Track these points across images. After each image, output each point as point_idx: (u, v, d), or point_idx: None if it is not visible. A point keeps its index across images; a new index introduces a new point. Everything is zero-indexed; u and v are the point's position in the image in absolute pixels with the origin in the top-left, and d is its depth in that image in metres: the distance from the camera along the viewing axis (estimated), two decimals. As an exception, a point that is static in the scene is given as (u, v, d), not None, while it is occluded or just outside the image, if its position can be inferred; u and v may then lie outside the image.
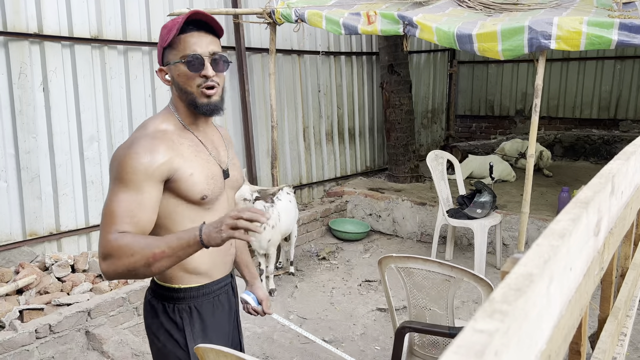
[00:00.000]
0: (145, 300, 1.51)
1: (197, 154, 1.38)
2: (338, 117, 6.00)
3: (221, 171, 1.45)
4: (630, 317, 1.33)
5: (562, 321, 0.59)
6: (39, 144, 3.54)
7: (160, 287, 1.44)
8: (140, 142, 1.30)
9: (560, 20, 3.00)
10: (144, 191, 1.27)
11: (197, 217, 1.38)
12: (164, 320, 1.43)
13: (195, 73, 1.34)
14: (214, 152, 1.44)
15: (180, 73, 1.35)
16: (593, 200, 0.68)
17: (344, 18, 3.80)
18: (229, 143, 1.58)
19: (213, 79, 1.36)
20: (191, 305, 1.43)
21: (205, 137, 1.45)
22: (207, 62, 1.34)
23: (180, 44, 1.35)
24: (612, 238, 0.89)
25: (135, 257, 1.18)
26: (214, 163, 1.42)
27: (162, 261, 1.19)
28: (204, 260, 1.43)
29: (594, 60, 7.12)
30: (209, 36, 1.37)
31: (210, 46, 1.36)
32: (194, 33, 1.35)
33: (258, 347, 3.13)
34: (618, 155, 0.97)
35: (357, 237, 5.06)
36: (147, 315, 1.48)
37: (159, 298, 1.44)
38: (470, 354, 0.35)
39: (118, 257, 1.19)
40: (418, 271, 2.06)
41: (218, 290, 1.49)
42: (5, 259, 3.41)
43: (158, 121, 1.39)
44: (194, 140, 1.40)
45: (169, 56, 1.37)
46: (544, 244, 0.54)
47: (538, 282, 0.47)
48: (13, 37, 3.36)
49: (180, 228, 1.36)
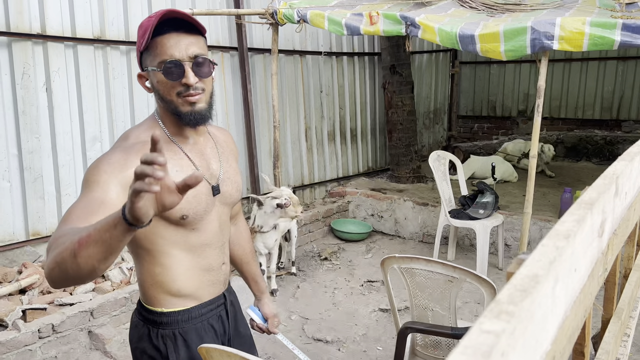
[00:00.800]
0: (131, 322, 1.40)
1: (180, 169, 1.22)
2: (340, 117, 6.00)
3: (209, 188, 1.29)
4: (633, 318, 1.33)
5: (567, 322, 0.60)
6: (42, 144, 3.55)
7: (144, 309, 1.32)
8: (116, 151, 1.18)
9: (562, 20, 2.99)
10: (109, 190, 1.11)
11: (179, 238, 1.26)
12: (147, 346, 1.31)
13: (174, 82, 1.18)
14: (202, 166, 1.29)
15: (159, 81, 1.20)
16: (597, 202, 0.68)
17: (346, 19, 3.80)
18: (226, 151, 1.42)
19: (196, 85, 1.19)
20: (175, 331, 1.30)
21: (194, 149, 1.30)
22: (187, 68, 1.18)
23: (157, 48, 1.18)
24: (616, 239, 0.89)
25: (63, 247, 0.97)
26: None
27: (88, 248, 0.93)
28: (189, 280, 1.30)
29: (596, 61, 7.11)
30: (188, 37, 1.20)
31: (190, 48, 1.19)
32: (172, 34, 1.18)
33: (260, 347, 3.13)
34: (622, 156, 0.97)
35: (359, 238, 5.06)
36: (132, 338, 1.37)
37: (144, 321, 1.33)
38: (477, 355, 0.35)
39: (52, 250, 0.99)
40: (420, 272, 2.06)
41: (207, 314, 1.36)
42: (9, 259, 3.42)
43: (140, 131, 1.26)
44: (178, 154, 1.25)
45: (146, 61, 1.22)
46: (549, 244, 0.54)
47: (544, 283, 0.47)
48: (16, 38, 3.37)
49: (161, 251, 1.25)
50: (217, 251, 1.36)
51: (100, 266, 0.97)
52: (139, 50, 1.23)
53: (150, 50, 1.20)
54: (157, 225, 1.22)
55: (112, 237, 0.92)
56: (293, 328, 3.40)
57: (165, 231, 1.24)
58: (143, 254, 1.27)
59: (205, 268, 1.34)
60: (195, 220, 1.26)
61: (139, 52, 1.23)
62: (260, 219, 3.59)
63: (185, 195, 1.11)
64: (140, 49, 1.21)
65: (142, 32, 1.19)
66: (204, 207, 1.27)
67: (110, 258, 0.97)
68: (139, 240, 1.24)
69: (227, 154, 1.42)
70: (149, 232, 1.22)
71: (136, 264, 1.32)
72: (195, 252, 1.30)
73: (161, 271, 1.28)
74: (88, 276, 0.98)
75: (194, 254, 1.30)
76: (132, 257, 1.32)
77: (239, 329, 1.51)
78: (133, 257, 1.32)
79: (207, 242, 1.32)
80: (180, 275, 1.29)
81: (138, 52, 1.24)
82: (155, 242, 1.24)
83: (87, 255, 0.93)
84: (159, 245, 1.25)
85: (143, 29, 1.19)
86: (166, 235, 1.24)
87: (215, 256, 1.36)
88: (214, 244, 1.35)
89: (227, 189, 1.36)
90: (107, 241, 0.93)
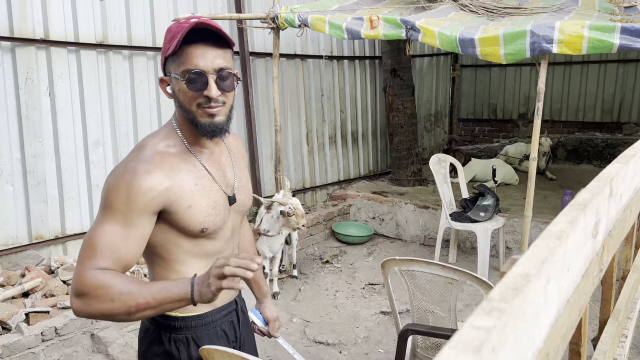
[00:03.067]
0: (141, 326, 1.40)
1: (199, 181, 1.24)
2: (341, 120, 6.02)
3: (226, 198, 1.31)
4: (631, 319, 1.34)
5: (560, 320, 0.61)
6: (45, 148, 3.57)
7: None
8: (136, 168, 1.15)
9: (562, 24, 3.01)
10: (133, 225, 1.14)
11: (195, 247, 1.28)
12: (158, 350, 1.31)
13: (196, 93, 1.18)
14: (219, 176, 1.30)
15: (181, 89, 1.19)
16: (591, 203, 0.70)
17: (347, 23, 3.82)
18: (237, 157, 1.43)
19: (218, 98, 1.19)
20: (189, 335, 1.31)
21: (211, 160, 1.30)
22: (211, 81, 1.17)
23: (183, 56, 1.18)
24: (612, 240, 0.91)
25: (115, 304, 1.05)
26: (218, 190, 1.29)
27: (145, 312, 1.06)
28: None
29: (596, 64, 7.13)
30: (215, 49, 1.19)
31: (216, 60, 1.18)
32: (199, 45, 1.17)
33: (261, 349, 3.14)
34: (617, 158, 0.98)
35: (360, 241, 5.07)
36: (142, 342, 1.37)
37: (156, 325, 1.33)
38: (467, 350, 0.37)
39: (95, 298, 1.05)
40: (421, 274, 2.07)
41: (220, 320, 1.37)
42: (12, 262, 3.44)
43: (157, 140, 1.24)
44: (197, 166, 1.26)
45: (170, 66, 1.21)
46: (541, 245, 0.55)
47: (535, 282, 0.49)
48: (20, 43, 3.40)
49: (176, 259, 1.27)
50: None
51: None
52: (164, 55, 1.22)
53: (176, 57, 1.19)
54: (176, 237, 1.24)
55: (172, 307, 1.08)
56: (294, 331, 3.41)
57: (183, 242, 1.25)
58: (158, 261, 1.28)
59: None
60: (214, 232, 1.28)
61: (164, 56, 1.22)
62: (267, 223, 3.59)
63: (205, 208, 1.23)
64: (167, 54, 1.20)
65: (170, 37, 1.19)
66: (222, 218, 1.29)
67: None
68: (154, 249, 1.25)
69: (240, 161, 1.43)
70: (167, 241, 1.24)
71: (150, 269, 1.33)
72: (210, 259, 1.32)
73: (176, 277, 1.28)
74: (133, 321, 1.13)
75: (208, 261, 1.31)
76: (146, 263, 1.33)
77: (249, 335, 1.53)
78: (147, 263, 1.33)
79: (221, 249, 1.34)
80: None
81: (163, 56, 1.23)
82: (171, 250, 1.26)
83: (142, 315, 1.07)
84: (175, 253, 1.26)
85: (171, 34, 1.19)
86: (183, 244, 1.26)
87: None
88: (227, 250, 1.37)
89: (242, 197, 1.38)
90: (166, 309, 1.08)
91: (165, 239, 1.23)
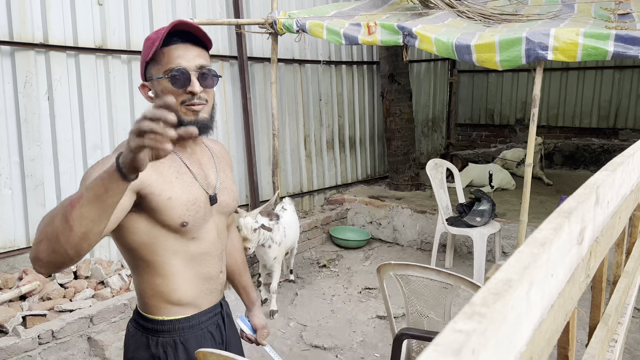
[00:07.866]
0: (126, 332, 1.40)
1: (179, 176, 1.26)
2: (339, 125, 6.05)
3: (207, 196, 1.32)
4: (622, 324, 1.36)
5: (545, 325, 0.63)
6: (44, 152, 3.58)
7: (143, 318, 1.34)
8: (116, 153, 1.15)
9: (557, 31, 3.04)
10: None
11: (180, 247, 1.28)
12: (145, 354, 1.32)
13: (180, 89, 1.22)
14: (200, 175, 1.32)
15: (164, 89, 1.23)
16: (576, 210, 0.72)
17: (344, 29, 3.85)
18: (222, 161, 1.45)
19: (201, 95, 1.24)
20: (176, 338, 1.32)
21: (192, 159, 1.33)
22: (193, 77, 1.23)
23: (164, 58, 1.23)
24: (599, 246, 0.92)
25: (53, 216, 0.96)
26: (198, 187, 1.30)
27: (82, 207, 0.93)
28: (189, 289, 1.33)
29: (593, 70, 7.18)
30: (195, 48, 1.25)
31: (197, 59, 1.24)
32: (179, 45, 1.23)
33: (258, 354, 3.15)
34: (605, 166, 1.00)
35: (357, 245, 5.09)
36: (128, 349, 1.36)
37: (142, 330, 1.33)
38: (448, 352, 0.38)
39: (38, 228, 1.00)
40: (416, 279, 2.09)
41: (207, 322, 1.39)
42: (9, 265, 3.45)
43: None
44: (177, 162, 1.29)
45: (151, 71, 1.26)
46: (524, 251, 0.57)
47: (517, 287, 0.50)
48: (19, 47, 3.42)
49: (162, 261, 1.27)
50: (216, 260, 1.39)
51: (93, 229, 0.96)
52: (144, 61, 1.27)
53: (157, 60, 1.24)
54: (158, 235, 1.25)
55: (107, 191, 0.93)
56: (291, 335, 3.42)
57: (166, 241, 1.26)
58: (143, 266, 1.28)
59: (205, 277, 1.36)
60: (195, 228, 1.29)
61: (144, 62, 1.27)
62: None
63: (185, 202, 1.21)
64: (147, 59, 1.25)
65: (150, 43, 1.24)
66: (202, 215, 1.30)
67: (103, 220, 0.97)
68: (139, 251, 1.26)
69: (223, 165, 1.45)
70: (153, 241, 1.25)
71: (135, 275, 1.33)
72: (195, 261, 1.33)
73: (162, 282, 1.29)
74: (79, 244, 0.96)
75: (194, 263, 1.32)
76: (130, 269, 1.33)
77: (234, 337, 1.54)
78: (131, 269, 1.33)
79: (207, 251, 1.35)
80: (181, 285, 1.31)
81: (143, 63, 1.28)
82: (156, 252, 1.26)
83: (79, 215, 0.93)
84: (160, 255, 1.27)
85: (151, 41, 1.24)
86: (167, 245, 1.26)
87: (214, 265, 1.38)
88: (213, 252, 1.38)
89: (224, 198, 1.39)
90: (101, 197, 0.94)
91: (148, 235, 1.23)
